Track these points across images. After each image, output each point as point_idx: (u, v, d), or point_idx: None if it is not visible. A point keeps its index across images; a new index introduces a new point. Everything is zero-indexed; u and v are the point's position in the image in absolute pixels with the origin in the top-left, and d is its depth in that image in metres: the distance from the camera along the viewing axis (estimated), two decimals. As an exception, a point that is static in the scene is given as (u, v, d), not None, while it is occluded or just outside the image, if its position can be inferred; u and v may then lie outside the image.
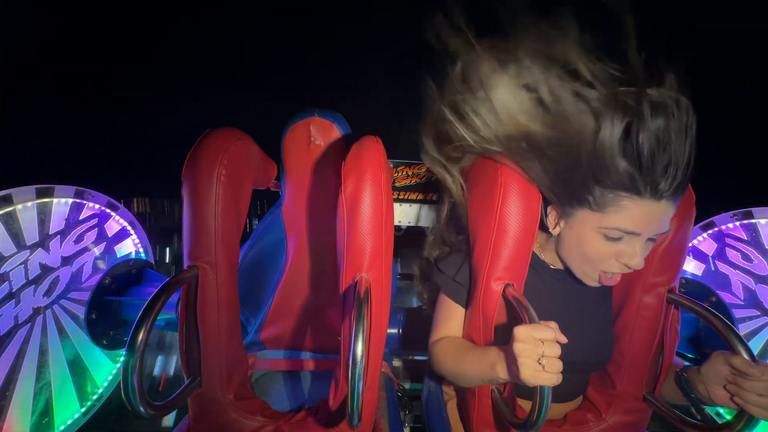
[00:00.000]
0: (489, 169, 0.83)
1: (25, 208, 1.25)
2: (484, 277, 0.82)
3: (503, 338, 0.79)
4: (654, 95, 0.66)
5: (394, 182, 1.34)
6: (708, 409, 1.33)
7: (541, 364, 0.63)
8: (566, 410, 1.02)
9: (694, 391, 0.82)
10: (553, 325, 0.67)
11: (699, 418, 0.84)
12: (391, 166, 1.31)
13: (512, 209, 0.79)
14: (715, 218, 1.52)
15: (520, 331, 0.65)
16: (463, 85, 0.80)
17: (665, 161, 0.66)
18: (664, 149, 0.65)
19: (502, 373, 0.70)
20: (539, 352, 0.63)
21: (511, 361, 0.66)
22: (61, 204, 1.36)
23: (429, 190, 1.34)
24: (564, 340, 0.65)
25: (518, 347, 0.64)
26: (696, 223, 1.28)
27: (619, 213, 0.71)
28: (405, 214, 1.38)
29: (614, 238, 0.73)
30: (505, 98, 0.75)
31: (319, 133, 1.13)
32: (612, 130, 0.66)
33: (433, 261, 1.02)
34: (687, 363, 0.90)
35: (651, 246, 0.77)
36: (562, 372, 0.64)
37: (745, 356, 0.72)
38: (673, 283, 0.88)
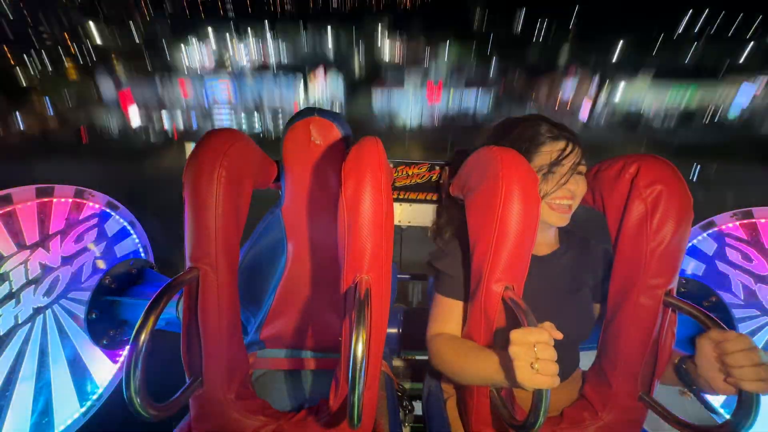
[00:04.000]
0: (490, 172, 0.84)
1: (25, 207, 1.25)
2: (485, 278, 0.82)
3: (502, 339, 0.79)
4: None
5: (394, 182, 1.35)
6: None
7: (535, 368, 0.64)
8: (560, 397, 1.04)
9: (696, 383, 0.82)
10: (548, 325, 0.68)
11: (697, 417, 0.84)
12: (391, 166, 1.31)
13: (513, 211, 0.79)
14: (714, 218, 1.52)
15: (515, 335, 0.67)
16: None
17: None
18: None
19: (505, 378, 0.72)
20: (533, 355, 0.64)
21: (511, 365, 0.67)
22: (61, 203, 1.36)
23: (429, 190, 1.35)
24: (560, 336, 0.67)
25: (513, 350, 0.66)
26: (695, 222, 1.28)
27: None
28: (405, 214, 1.38)
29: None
30: None
31: (319, 132, 1.13)
32: None
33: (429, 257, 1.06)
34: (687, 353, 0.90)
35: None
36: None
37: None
38: (670, 286, 0.88)
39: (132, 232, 1.61)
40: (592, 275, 1.06)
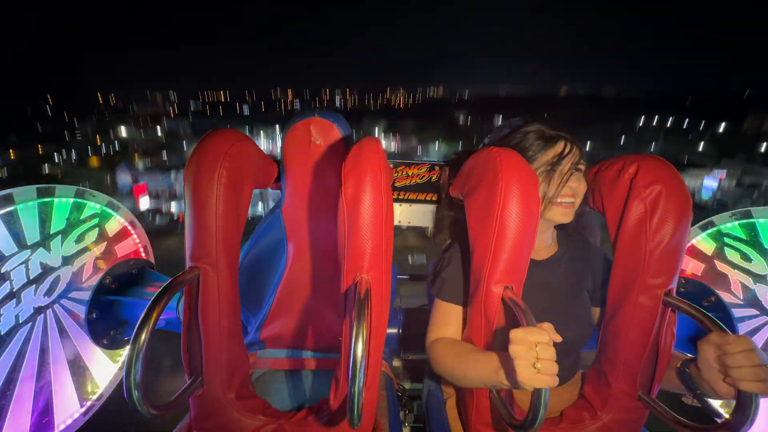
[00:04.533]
0: (490, 173, 0.84)
1: (27, 207, 1.25)
2: (485, 279, 0.83)
3: (502, 340, 0.79)
4: None
5: (394, 182, 1.35)
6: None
7: (537, 368, 0.64)
8: (560, 399, 1.04)
9: (699, 387, 0.82)
10: (547, 326, 0.68)
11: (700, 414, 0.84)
12: (391, 166, 1.31)
13: (513, 212, 0.80)
14: (714, 218, 1.52)
15: (516, 335, 0.67)
16: None
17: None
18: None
19: (505, 379, 0.72)
20: (534, 355, 0.65)
21: (510, 366, 0.67)
22: (62, 203, 1.36)
23: (429, 190, 1.35)
24: (558, 339, 0.67)
25: (514, 349, 0.67)
26: (695, 222, 1.28)
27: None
28: (405, 214, 1.38)
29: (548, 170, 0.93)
30: None
31: (319, 133, 1.13)
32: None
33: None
34: (689, 355, 0.90)
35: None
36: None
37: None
38: (670, 286, 0.89)
39: (132, 232, 1.62)
40: (591, 278, 1.06)
